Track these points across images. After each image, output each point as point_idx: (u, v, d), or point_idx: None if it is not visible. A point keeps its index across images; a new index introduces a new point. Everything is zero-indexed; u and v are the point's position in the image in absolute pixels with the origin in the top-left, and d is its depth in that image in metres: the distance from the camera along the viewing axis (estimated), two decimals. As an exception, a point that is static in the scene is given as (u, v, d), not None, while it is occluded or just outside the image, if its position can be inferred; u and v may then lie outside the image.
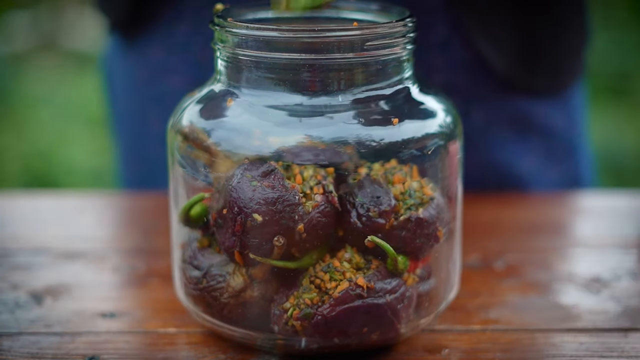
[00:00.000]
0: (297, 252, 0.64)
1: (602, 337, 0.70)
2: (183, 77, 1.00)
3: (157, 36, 1.01)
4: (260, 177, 0.63)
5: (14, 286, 0.79)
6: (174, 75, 1.01)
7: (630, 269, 0.83)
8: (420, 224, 0.65)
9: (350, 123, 0.64)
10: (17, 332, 0.71)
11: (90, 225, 0.94)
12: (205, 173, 0.66)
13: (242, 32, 0.65)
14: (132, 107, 1.07)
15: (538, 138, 1.01)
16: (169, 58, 1.01)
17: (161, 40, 1.01)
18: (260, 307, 0.65)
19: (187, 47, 1.00)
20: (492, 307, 0.75)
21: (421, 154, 0.66)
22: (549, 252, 0.86)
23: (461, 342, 0.70)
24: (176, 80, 1.01)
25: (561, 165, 1.05)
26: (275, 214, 0.62)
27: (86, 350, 0.69)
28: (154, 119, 1.04)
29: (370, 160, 0.65)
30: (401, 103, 0.67)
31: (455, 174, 0.70)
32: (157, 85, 1.03)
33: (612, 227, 0.93)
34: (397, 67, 0.67)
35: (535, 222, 0.94)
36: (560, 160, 1.04)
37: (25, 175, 2.46)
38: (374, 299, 0.63)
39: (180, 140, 0.68)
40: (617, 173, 2.42)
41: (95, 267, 0.84)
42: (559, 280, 0.80)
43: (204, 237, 0.69)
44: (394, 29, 0.65)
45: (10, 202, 1.03)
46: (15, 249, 0.87)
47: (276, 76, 0.65)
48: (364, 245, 0.64)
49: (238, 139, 0.65)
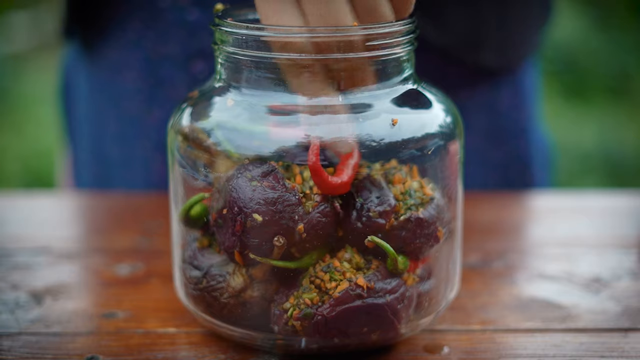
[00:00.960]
0: (297, 252, 0.64)
1: (602, 337, 0.70)
2: (137, 74, 1.00)
3: (111, 35, 1.01)
4: (260, 177, 0.63)
5: (14, 286, 0.79)
6: (127, 73, 1.01)
7: (630, 269, 0.83)
8: (420, 224, 0.65)
9: (350, 123, 0.64)
10: (17, 332, 0.71)
11: (90, 225, 0.94)
12: (205, 173, 0.66)
13: (242, 32, 0.65)
14: (91, 110, 1.07)
15: (481, 116, 1.00)
16: (122, 56, 1.01)
17: (115, 39, 1.01)
18: (260, 307, 0.66)
19: (138, 43, 0.99)
20: (492, 307, 0.75)
21: (421, 154, 0.66)
22: (549, 252, 0.86)
23: (461, 342, 0.70)
24: (129, 78, 1.01)
25: (506, 146, 1.03)
26: (275, 214, 0.62)
27: (86, 350, 0.69)
28: (111, 119, 1.04)
29: (370, 160, 0.65)
30: (401, 103, 0.67)
31: (456, 174, 0.70)
32: (113, 85, 1.03)
33: (612, 227, 0.93)
34: (397, 67, 0.67)
35: (535, 222, 0.94)
36: (505, 140, 1.03)
37: (25, 175, 2.47)
38: (374, 299, 0.63)
39: (180, 140, 0.68)
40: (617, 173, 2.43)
41: (95, 267, 0.84)
42: (559, 280, 0.80)
43: (204, 237, 0.69)
44: (394, 29, 0.65)
45: (10, 202, 1.03)
46: (15, 249, 0.87)
47: (276, 76, 0.65)
48: (364, 245, 0.64)
49: (238, 139, 0.65)
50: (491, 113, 1.01)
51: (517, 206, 0.98)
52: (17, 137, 2.62)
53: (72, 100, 1.14)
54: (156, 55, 0.98)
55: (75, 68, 1.11)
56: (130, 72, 1.01)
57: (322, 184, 0.62)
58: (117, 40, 1.01)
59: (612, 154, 2.45)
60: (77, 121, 1.13)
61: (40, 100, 2.79)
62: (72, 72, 1.12)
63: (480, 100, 1.00)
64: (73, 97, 1.13)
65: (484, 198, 0.97)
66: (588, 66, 2.76)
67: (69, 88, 1.14)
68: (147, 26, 0.98)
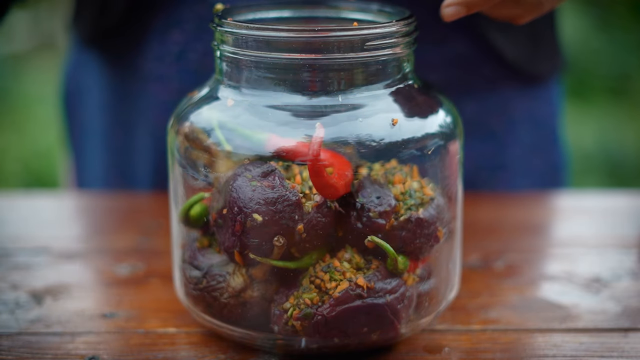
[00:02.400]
0: (297, 252, 0.64)
1: (602, 337, 0.70)
2: (178, 86, 0.97)
3: (147, 47, 0.98)
4: (260, 177, 0.63)
5: (14, 286, 0.79)
6: (167, 85, 0.98)
7: (630, 269, 0.83)
8: (420, 224, 0.65)
9: (350, 123, 0.64)
10: (17, 332, 0.71)
11: (90, 225, 0.94)
12: (205, 173, 0.66)
13: (243, 32, 0.65)
14: (111, 120, 1.05)
15: (524, 127, 1.01)
16: (160, 68, 0.98)
17: (151, 51, 0.98)
18: (260, 307, 0.65)
19: (182, 56, 0.97)
20: (492, 307, 0.75)
21: (421, 154, 0.66)
22: (549, 252, 0.86)
23: (461, 342, 0.70)
24: (168, 90, 0.98)
25: (546, 154, 1.05)
26: (275, 214, 0.62)
27: (86, 350, 0.69)
28: (140, 131, 1.02)
29: (370, 160, 0.65)
30: (401, 103, 0.67)
31: (455, 174, 0.70)
32: (145, 97, 1.00)
33: (612, 227, 0.93)
34: (397, 67, 0.67)
35: (535, 222, 0.94)
36: (545, 149, 1.04)
37: (25, 175, 2.46)
38: (374, 299, 0.63)
39: (180, 140, 0.68)
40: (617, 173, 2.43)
41: (95, 267, 0.84)
42: (559, 280, 0.80)
43: (204, 237, 0.69)
44: (393, 29, 0.65)
45: (10, 202, 1.03)
46: (15, 249, 0.87)
47: (276, 76, 0.65)
48: (364, 245, 0.64)
49: (238, 139, 0.65)
50: (534, 123, 1.03)
51: (517, 206, 0.97)
52: (17, 137, 2.62)
53: (74, 106, 1.12)
54: (202, 67, 0.94)
55: (83, 77, 1.08)
56: (171, 84, 0.98)
57: (320, 184, 0.62)
58: (153, 51, 0.98)
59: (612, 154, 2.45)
60: (84, 127, 1.11)
61: (40, 100, 2.79)
62: (78, 78, 1.10)
63: (525, 111, 1.02)
64: (78, 104, 1.11)
65: (484, 198, 0.97)
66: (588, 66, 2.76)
67: (73, 94, 1.12)
68: (195, 39, 0.95)
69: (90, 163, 1.11)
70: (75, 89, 1.11)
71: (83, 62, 1.09)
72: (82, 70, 1.09)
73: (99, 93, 1.06)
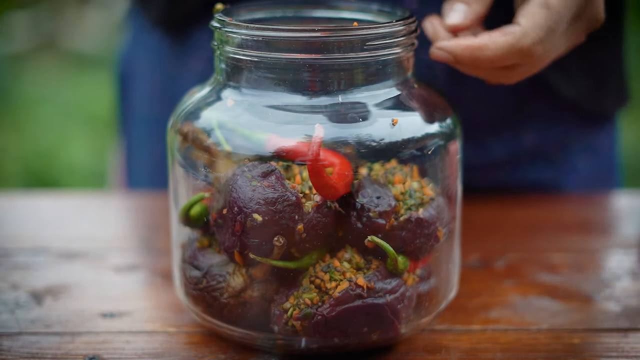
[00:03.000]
0: (297, 252, 0.64)
1: (602, 337, 0.70)
2: None
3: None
4: (260, 177, 0.63)
5: (14, 286, 0.79)
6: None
7: (630, 269, 0.83)
8: (420, 224, 0.65)
9: (350, 123, 0.64)
10: (17, 332, 0.71)
11: (90, 225, 0.94)
12: (205, 173, 0.66)
13: (243, 32, 0.65)
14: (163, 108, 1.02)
15: (583, 157, 1.01)
16: None
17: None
18: (260, 307, 0.65)
19: None
20: (492, 307, 0.75)
21: (421, 154, 0.66)
22: (549, 252, 0.86)
23: (461, 342, 0.70)
24: None
25: (603, 183, 1.05)
26: (275, 214, 0.62)
27: (86, 350, 0.69)
28: None
29: (370, 160, 0.65)
30: (401, 103, 0.67)
31: (455, 174, 0.70)
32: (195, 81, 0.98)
33: (612, 227, 0.93)
34: (397, 67, 0.67)
35: (535, 222, 0.94)
36: (605, 179, 1.04)
37: (25, 175, 2.46)
38: (374, 299, 0.63)
39: (180, 140, 0.68)
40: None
41: (95, 267, 0.84)
42: (559, 280, 0.80)
43: (204, 237, 0.69)
44: (394, 29, 0.65)
45: (10, 202, 1.03)
46: (15, 249, 0.87)
47: (276, 76, 0.65)
48: (364, 245, 0.64)
49: (238, 139, 0.65)
50: (593, 153, 1.02)
51: (517, 206, 0.97)
52: (17, 137, 2.62)
53: (128, 89, 1.10)
54: None
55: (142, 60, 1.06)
56: None
57: (320, 184, 0.62)
58: None
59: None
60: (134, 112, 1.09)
61: (40, 100, 2.79)
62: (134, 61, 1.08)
63: (585, 142, 1.01)
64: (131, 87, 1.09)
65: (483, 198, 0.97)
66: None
67: (127, 77, 1.10)
68: None
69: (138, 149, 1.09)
70: (130, 72, 1.10)
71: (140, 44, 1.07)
72: (139, 53, 1.08)
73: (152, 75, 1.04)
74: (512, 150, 0.97)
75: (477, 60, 0.67)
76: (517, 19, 0.68)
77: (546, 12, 0.67)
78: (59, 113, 2.74)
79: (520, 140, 0.97)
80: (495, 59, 0.67)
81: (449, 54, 0.67)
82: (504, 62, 0.67)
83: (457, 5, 0.70)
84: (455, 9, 0.70)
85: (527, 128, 0.97)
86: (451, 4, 0.71)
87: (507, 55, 0.66)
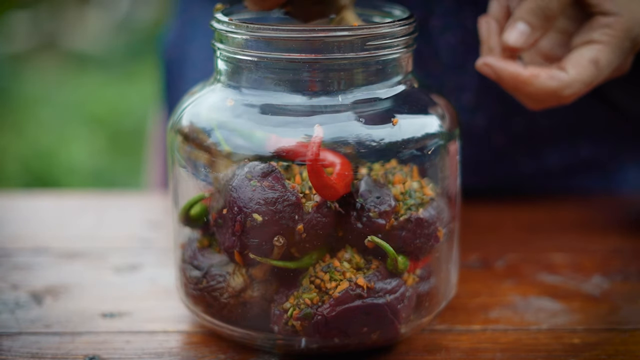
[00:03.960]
0: (297, 252, 0.64)
1: (601, 337, 0.70)
2: None
3: None
4: (260, 177, 0.63)
5: (14, 286, 0.79)
6: None
7: (630, 269, 0.83)
8: (420, 224, 0.65)
9: (350, 123, 0.64)
10: (17, 332, 0.71)
11: (90, 225, 0.94)
12: (205, 173, 0.66)
13: (242, 32, 0.64)
14: None
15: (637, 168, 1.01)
16: None
17: None
18: (260, 307, 0.65)
19: None
20: (492, 307, 0.75)
21: (421, 154, 0.66)
22: (549, 252, 0.86)
23: (461, 342, 0.70)
24: None
25: None
26: (275, 214, 0.62)
27: (86, 350, 0.69)
28: None
29: (370, 160, 0.65)
30: (401, 103, 0.67)
31: (455, 174, 0.70)
32: None
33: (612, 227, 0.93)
34: (397, 67, 0.67)
35: (535, 222, 0.94)
36: None
37: (25, 175, 2.46)
38: (374, 299, 0.63)
39: (180, 140, 0.68)
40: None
41: (95, 267, 0.84)
42: (559, 280, 0.80)
43: (204, 237, 0.69)
44: (394, 29, 0.65)
45: (10, 202, 1.03)
46: (15, 249, 0.87)
47: (276, 76, 0.65)
48: (364, 245, 0.64)
49: (238, 139, 0.65)
50: None
51: (517, 206, 0.97)
52: (17, 137, 2.62)
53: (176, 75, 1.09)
54: None
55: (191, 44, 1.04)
56: None
57: (319, 184, 0.62)
58: None
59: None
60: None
61: (40, 101, 2.79)
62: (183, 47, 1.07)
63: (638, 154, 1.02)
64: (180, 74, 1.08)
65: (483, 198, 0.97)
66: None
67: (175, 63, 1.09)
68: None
69: None
70: (178, 58, 1.09)
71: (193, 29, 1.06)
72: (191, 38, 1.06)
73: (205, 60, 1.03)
74: (567, 160, 0.98)
75: (517, 90, 0.70)
76: (566, 65, 0.70)
77: (593, 70, 0.70)
78: (59, 113, 2.74)
79: (576, 150, 0.98)
80: (534, 96, 0.70)
81: (494, 74, 0.71)
82: (540, 99, 0.71)
83: (520, 25, 0.70)
84: (517, 28, 0.70)
85: (583, 139, 0.97)
86: (514, 21, 0.71)
87: (547, 97, 0.70)
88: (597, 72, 0.70)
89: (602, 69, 0.70)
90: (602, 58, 0.70)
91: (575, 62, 0.70)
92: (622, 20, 0.70)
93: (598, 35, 0.70)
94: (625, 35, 0.71)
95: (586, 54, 0.70)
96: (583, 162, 0.99)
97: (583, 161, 0.99)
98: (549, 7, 0.70)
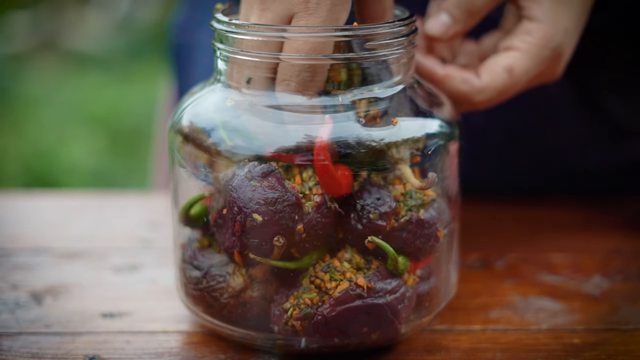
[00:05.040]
0: (297, 252, 0.64)
1: (601, 337, 0.70)
2: None
3: None
4: (260, 177, 0.63)
5: (14, 286, 0.79)
6: None
7: (629, 269, 0.83)
8: (421, 226, 0.65)
9: (350, 123, 0.64)
10: (17, 332, 0.71)
11: (90, 225, 0.94)
12: (205, 173, 0.66)
13: (242, 32, 0.64)
14: None
15: None
16: None
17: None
18: (260, 307, 0.65)
19: None
20: (492, 307, 0.75)
21: (421, 154, 0.66)
22: (549, 251, 0.86)
23: (461, 342, 0.70)
24: None
25: None
26: (275, 214, 0.62)
27: (86, 350, 0.69)
28: None
29: (370, 160, 0.65)
30: (401, 103, 0.67)
31: (455, 174, 0.70)
32: None
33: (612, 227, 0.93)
34: (397, 67, 0.67)
35: (535, 222, 0.94)
36: None
37: (25, 175, 2.47)
38: (374, 299, 0.63)
39: (180, 140, 0.68)
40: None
41: (96, 267, 0.84)
42: (559, 280, 0.80)
43: (204, 237, 0.69)
44: (394, 29, 0.65)
45: (10, 202, 1.03)
46: (15, 249, 0.87)
47: (276, 76, 0.65)
48: (364, 245, 0.64)
49: (238, 139, 0.65)
50: None
51: (517, 206, 0.97)
52: (17, 137, 2.62)
53: (185, 61, 1.08)
54: None
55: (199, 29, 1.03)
56: None
57: (326, 174, 0.62)
58: None
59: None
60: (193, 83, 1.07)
61: (40, 101, 2.79)
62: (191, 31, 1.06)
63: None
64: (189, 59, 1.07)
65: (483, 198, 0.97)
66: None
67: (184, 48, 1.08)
68: None
69: None
70: (188, 42, 1.08)
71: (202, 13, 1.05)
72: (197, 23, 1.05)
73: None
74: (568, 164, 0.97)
75: (433, 86, 0.70)
76: (481, 70, 0.70)
77: (507, 78, 0.69)
78: (59, 113, 2.74)
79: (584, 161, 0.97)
80: (448, 96, 0.70)
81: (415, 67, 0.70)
82: (454, 101, 0.70)
83: (443, 16, 0.70)
84: (440, 19, 0.70)
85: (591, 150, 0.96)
86: (437, 12, 0.70)
87: (458, 99, 0.70)
88: (511, 80, 0.69)
89: (517, 78, 0.69)
90: (517, 66, 0.69)
91: (489, 69, 0.69)
92: (544, 28, 0.69)
93: (517, 42, 0.70)
94: (544, 44, 0.70)
95: (501, 61, 0.69)
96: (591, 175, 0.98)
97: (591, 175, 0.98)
98: (474, 2, 0.69)
